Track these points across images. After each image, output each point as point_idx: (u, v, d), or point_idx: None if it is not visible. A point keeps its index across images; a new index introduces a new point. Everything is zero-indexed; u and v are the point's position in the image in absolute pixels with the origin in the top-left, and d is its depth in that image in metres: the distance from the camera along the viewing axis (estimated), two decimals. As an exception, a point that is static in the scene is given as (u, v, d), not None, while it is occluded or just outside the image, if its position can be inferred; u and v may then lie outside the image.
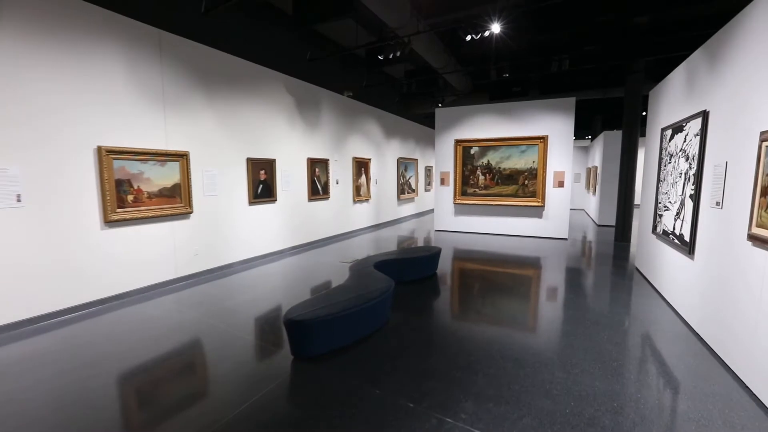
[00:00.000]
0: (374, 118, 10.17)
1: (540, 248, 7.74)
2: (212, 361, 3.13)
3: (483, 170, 9.12)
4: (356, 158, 9.31)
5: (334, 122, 8.43)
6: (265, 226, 6.61)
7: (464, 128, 9.26)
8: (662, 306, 4.20)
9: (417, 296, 4.66)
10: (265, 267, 6.14)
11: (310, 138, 7.66)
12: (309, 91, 7.57)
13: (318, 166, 7.91)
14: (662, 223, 4.58)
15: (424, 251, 5.43)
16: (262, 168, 6.43)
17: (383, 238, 8.91)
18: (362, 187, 9.70)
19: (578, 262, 6.62)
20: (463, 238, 8.83)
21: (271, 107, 6.61)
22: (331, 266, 6.15)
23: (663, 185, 4.62)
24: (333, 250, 7.50)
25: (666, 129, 4.60)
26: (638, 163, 8.15)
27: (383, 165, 10.76)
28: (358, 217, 9.59)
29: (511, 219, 8.99)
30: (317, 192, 7.92)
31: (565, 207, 8.49)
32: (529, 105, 8.60)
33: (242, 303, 4.43)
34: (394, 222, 11.57)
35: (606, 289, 4.94)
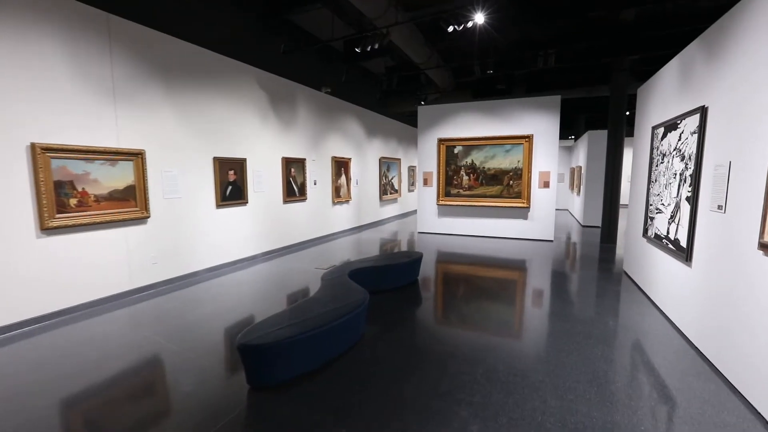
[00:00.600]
0: (354, 116, 9.78)
1: (525, 251, 7.49)
2: (156, 391, 2.70)
3: (467, 170, 8.84)
4: (335, 158, 8.90)
5: (311, 120, 8.00)
6: (235, 231, 6.16)
7: (447, 127, 8.96)
8: (655, 315, 3.95)
9: (396, 307, 4.29)
10: (234, 275, 5.68)
11: (285, 136, 7.22)
12: (283, 87, 7.14)
13: (294, 166, 7.48)
14: (654, 227, 4.33)
15: (404, 257, 5.08)
16: (230, 168, 5.97)
17: (364, 241, 8.53)
18: (342, 187, 9.30)
19: (565, 265, 6.37)
20: (447, 241, 8.52)
21: (241, 103, 6.16)
22: (305, 273, 5.74)
23: (655, 186, 4.37)
24: (310, 254, 7.08)
25: (657, 127, 4.35)
26: (623, 163, 7.98)
27: (364, 165, 10.38)
28: (337, 220, 9.19)
29: (496, 220, 8.73)
30: (293, 193, 7.49)
31: (551, 208, 8.27)
32: (513, 103, 8.35)
33: (202, 317, 3.99)
34: (377, 224, 11.20)
35: (595, 296, 4.67)
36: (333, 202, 8.92)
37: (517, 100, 8.34)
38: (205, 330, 3.68)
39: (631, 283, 5.11)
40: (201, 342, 3.42)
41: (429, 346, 3.31)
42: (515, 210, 8.50)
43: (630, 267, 5.42)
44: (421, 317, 4.07)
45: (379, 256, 5.19)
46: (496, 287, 5.15)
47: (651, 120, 4.67)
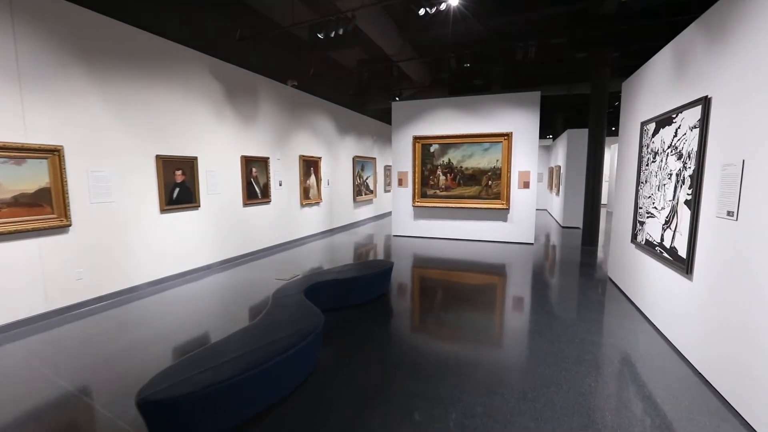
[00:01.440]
0: (325, 112, 9.17)
1: (505, 255, 7.08)
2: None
3: (444, 170, 8.37)
4: (304, 157, 8.28)
5: (275, 115, 7.36)
6: (185, 238, 5.47)
7: (423, 123, 8.47)
8: (649, 332, 3.54)
9: (360, 326, 3.74)
10: (183, 288, 5.01)
11: (244, 133, 6.56)
12: (242, 78, 6.47)
13: (255, 166, 6.83)
14: (644, 232, 3.94)
15: (372, 267, 4.53)
16: (178, 168, 5.28)
17: (336, 246, 7.94)
18: (312, 188, 8.68)
19: (547, 271, 5.97)
20: (423, 245, 8.04)
21: (190, 94, 5.47)
22: (265, 284, 5.12)
23: (645, 188, 3.98)
24: (274, 262, 6.45)
25: (648, 123, 3.96)
26: (605, 162, 7.69)
27: (336, 164, 9.79)
28: (307, 223, 8.57)
29: (474, 223, 8.30)
30: (254, 195, 6.83)
31: (531, 210, 7.89)
32: (492, 99, 7.93)
33: (127, 347, 3.33)
34: (351, 226, 10.62)
35: (582, 309, 4.25)
36: (301, 204, 8.29)
37: (495, 96, 7.93)
38: (123, 366, 3.03)
39: (618, 292, 4.73)
40: (113, 384, 2.78)
41: (396, 378, 2.78)
42: (494, 212, 8.09)
43: (616, 273, 5.05)
44: (389, 339, 3.53)
45: (344, 267, 4.63)
46: (473, 297, 4.66)
47: (639, 115, 4.28)
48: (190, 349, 3.22)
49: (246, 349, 2.46)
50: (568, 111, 13.68)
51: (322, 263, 6.52)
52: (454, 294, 4.85)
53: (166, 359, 3.11)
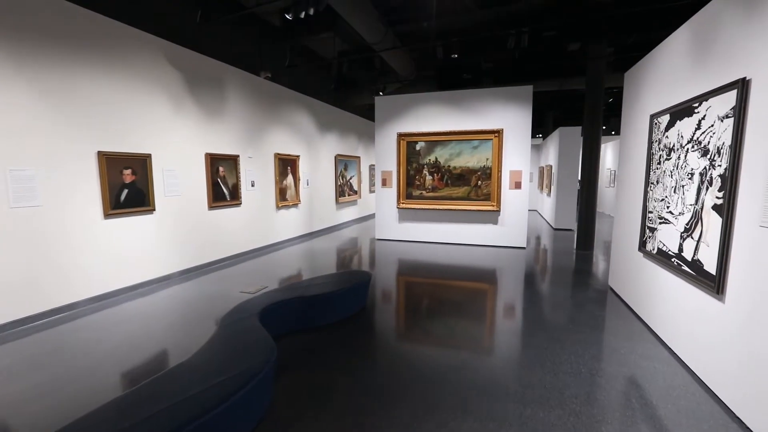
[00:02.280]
0: (304, 107, 8.55)
1: (496, 260, 6.57)
2: None
3: (430, 169, 7.83)
4: (280, 155, 7.65)
5: (246, 110, 6.72)
6: (136, 246, 4.81)
7: (408, 120, 7.92)
8: (666, 358, 3.04)
9: (328, 353, 3.16)
10: (130, 305, 4.36)
11: (210, 128, 5.91)
12: (206, 67, 5.83)
13: (223, 165, 6.18)
14: (656, 240, 3.44)
15: (345, 281, 3.95)
16: (126, 166, 4.63)
17: (315, 251, 7.34)
18: (289, 189, 8.06)
19: (542, 280, 5.47)
20: (408, 249, 7.48)
21: (142, 84, 4.82)
22: (227, 299, 4.50)
23: (656, 189, 3.48)
24: (243, 271, 5.82)
25: (659, 115, 3.47)
26: (596, 162, 7.25)
27: (317, 163, 9.17)
28: (284, 226, 7.94)
29: (463, 225, 7.78)
30: (222, 197, 6.19)
31: (523, 212, 7.41)
32: (481, 94, 7.42)
33: (43, 383, 2.69)
34: (333, 229, 10.02)
35: (585, 328, 3.73)
36: (277, 206, 7.66)
37: (485, 91, 7.42)
38: (38, 405, 2.39)
39: (622, 306, 4.24)
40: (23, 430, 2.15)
41: (366, 426, 2.21)
42: (484, 214, 7.58)
43: (619, 284, 4.56)
44: (363, 369, 2.96)
45: (312, 281, 4.03)
46: (461, 312, 4.12)
47: (648, 107, 3.79)
48: (117, 387, 2.59)
49: (165, 402, 1.86)
50: (558, 108, 13.29)
51: (297, 272, 5.91)
52: (439, 309, 4.30)
53: (88, 401, 2.48)
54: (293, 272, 5.91)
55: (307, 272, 5.96)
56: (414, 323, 3.94)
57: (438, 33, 6.73)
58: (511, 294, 4.91)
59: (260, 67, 6.98)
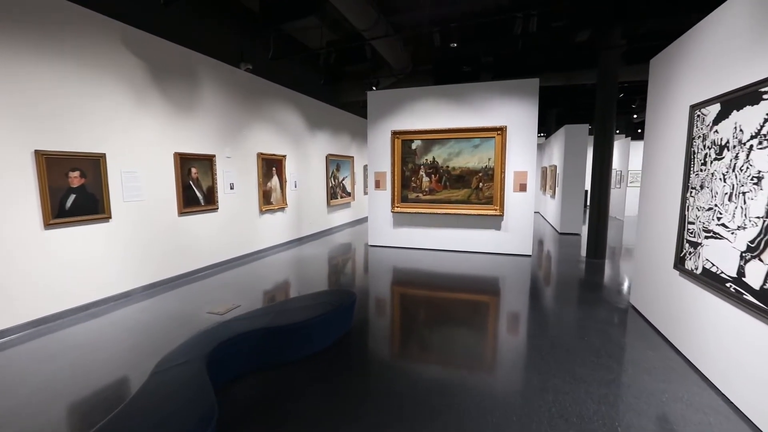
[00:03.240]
0: (291, 103, 7.91)
1: (499, 269, 5.97)
2: None
3: (427, 170, 7.21)
4: (263, 155, 7.01)
5: (224, 105, 6.08)
6: (86, 260, 4.17)
7: (404, 116, 7.30)
8: (717, 404, 2.42)
9: (299, 399, 2.53)
10: (75, 329, 3.72)
11: (179, 125, 5.27)
12: (174, 55, 5.19)
13: (196, 165, 5.54)
14: (701, 257, 2.82)
15: (323, 305, 3.32)
16: (74, 168, 3.98)
17: (302, 260, 6.70)
18: (274, 191, 7.42)
19: (551, 293, 4.85)
20: (403, 257, 6.86)
21: (96, 72, 4.18)
22: (190, 321, 3.86)
23: (701, 196, 2.86)
24: (217, 284, 5.18)
25: (704, 105, 2.85)
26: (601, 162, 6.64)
27: (305, 163, 8.53)
28: (268, 232, 7.30)
29: (463, 231, 7.16)
30: (194, 201, 5.54)
31: (528, 216, 6.79)
32: (483, 88, 6.80)
33: None
34: (324, 233, 9.38)
35: (611, 361, 3.11)
36: (260, 210, 7.02)
37: (487, 85, 6.80)
38: None
39: (649, 330, 3.63)
40: None
41: None
42: (486, 218, 6.96)
43: (644, 304, 3.94)
44: (339, 424, 2.32)
45: (284, 306, 3.39)
46: (463, 339, 3.49)
47: (686, 97, 3.17)
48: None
49: None
50: (562, 105, 12.68)
51: (279, 283, 5.28)
52: (438, 331, 3.67)
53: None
54: (275, 284, 5.27)
55: (292, 284, 5.33)
56: (407, 351, 3.31)
57: (435, 20, 6.10)
58: (519, 314, 4.28)
59: (240, 59, 6.34)
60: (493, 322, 4.03)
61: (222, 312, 4.10)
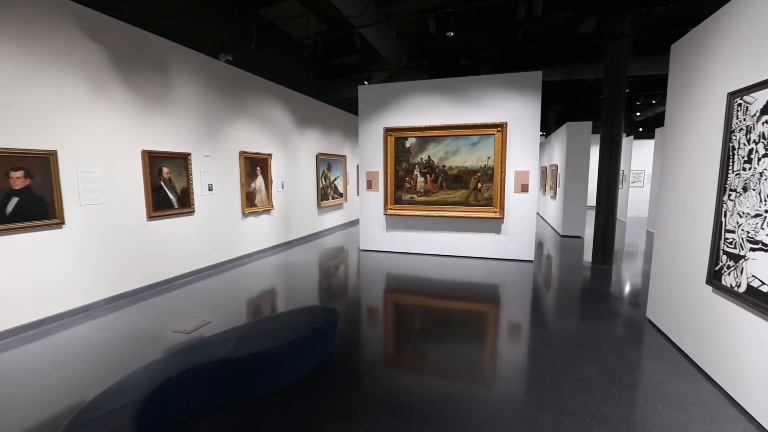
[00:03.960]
0: (278, 99, 7.43)
1: (499, 276, 5.55)
2: None
3: (422, 169, 6.75)
4: (246, 153, 6.52)
5: (202, 99, 5.59)
6: (33, 271, 3.67)
7: (397, 112, 6.83)
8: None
9: (263, 454, 2.06)
10: (16, 352, 3.22)
11: (148, 120, 4.78)
12: (143, 43, 4.69)
13: (168, 165, 5.05)
14: (744, 272, 2.38)
15: (300, 326, 2.84)
16: (16, 167, 3.49)
17: (289, 265, 6.22)
18: (259, 193, 6.93)
19: (557, 304, 4.40)
20: (397, 262, 6.40)
21: (46, 58, 3.68)
22: (152, 341, 3.38)
23: (744, 200, 2.42)
24: (189, 296, 4.69)
25: (748, 92, 2.40)
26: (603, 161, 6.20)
27: (294, 163, 8.05)
28: (252, 236, 6.81)
29: (461, 235, 6.71)
30: (167, 204, 5.05)
31: (530, 219, 6.34)
32: (481, 82, 6.35)
33: None
34: (314, 236, 8.90)
35: (634, 393, 2.66)
36: (243, 213, 6.53)
37: (486, 78, 6.35)
38: None
39: (673, 351, 3.18)
40: None
41: None
42: (485, 221, 6.51)
43: (665, 320, 3.50)
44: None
45: (252, 330, 2.89)
46: (463, 360, 3.03)
47: (722, 84, 2.73)
48: None
49: None
50: (561, 103, 12.26)
51: (258, 296, 4.80)
52: (429, 352, 3.20)
53: None
54: (255, 295, 4.79)
55: (274, 294, 4.86)
56: (400, 377, 2.84)
57: (430, 6, 5.63)
58: (522, 330, 3.82)
59: (219, 49, 5.85)
60: (493, 342, 3.57)
61: (189, 330, 3.61)
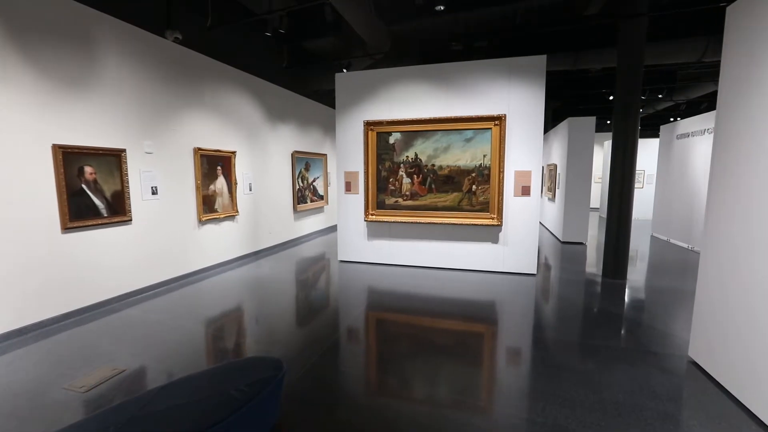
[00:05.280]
0: (244, 89, 6.49)
1: (496, 293, 4.78)
2: None
3: (408, 169, 5.87)
4: (203, 150, 5.58)
5: (143, 85, 4.63)
6: None
7: (379, 103, 5.95)
8: None
9: None
10: None
11: (64, 106, 3.81)
12: (56, 10, 3.73)
13: (94, 163, 4.09)
14: None
15: (219, 399, 1.92)
16: None
17: (253, 282, 5.29)
18: (220, 196, 5.98)
19: (569, 335, 3.55)
20: (380, 275, 5.53)
21: None
22: (31, 406, 2.44)
23: None
24: (114, 329, 3.74)
25: None
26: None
27: (264, 162, 7.11)
28: (211, 247, 5.86)
29: (452, 245, 5.85)
30: (92, 212, 4.09)
31: (533, 226, 5.52)
32: (476, 68, 5.50)
33: None
34: (290, 244, 7.97)
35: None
36: (200, 219, 5.58)
37: (482, 63, 5.50)
38: None
39: (737, 411, 2.36)
40: None
41: None
42: (480, 229, 5.67)
43: (722, 368, 2.67)
44: None
45: (149, 403, 1.96)
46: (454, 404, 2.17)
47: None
48: None
49: None
50: (565, 96, 11.49)
51: (201, 326, 3.86)
52: (417, 414, 2.32)
53: None
54: (197, 324, 3.85)
55: (224, 323, 3.93)
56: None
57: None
58: (523, 376, 2.96)
59: (166, 25, 4.89)
60: (489, 401, 2.70)
61: (88, 387, 2.67)
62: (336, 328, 3.81)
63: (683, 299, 4.54)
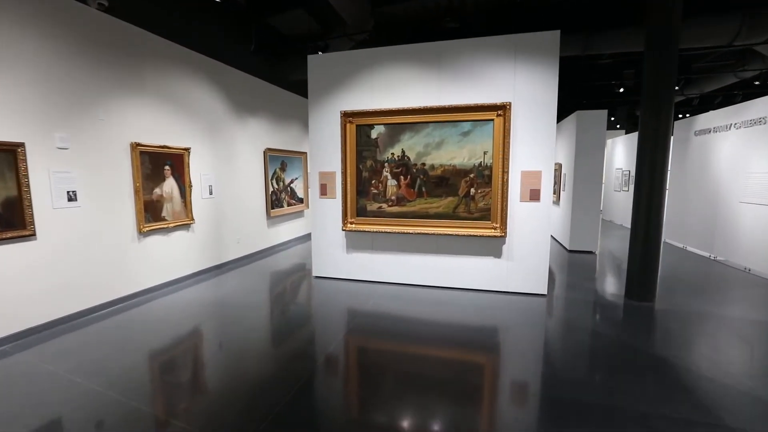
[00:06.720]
0: (202, 74, 5.50)
1: (500, 319, 3.87)
2: None
3: (394, 169, 4.93)
4: (144, 147, 4.59)
5: (54, 61, 3.64)
6: None
7: (359, 91, 4.99)
8: None
9: None
10: None
11: None
12: None
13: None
14: None
15: None
16: None
17: (208, 305, 4.33)
18: (169, 201, 4.99)
19: (592, 383, 2.61)
20: (362, 295, 4.60)
21: None
22: None
23: None
24: (18, 377, 2.76)
25: None
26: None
27: (229, 161, 6.12)
28: (157, 263, 4.87)
29: (447, 259, 4.92)
30: (-32, 226, 3.09)
31: (543, 237, 4.60)
32: (474, 47, 4.57)
33: None
34: (263, 254, 6.99)
35: None
36: (140, 230, 4.58)
37: (482, 41, 4.57)
38: None
39: None
40: None
41: None
42: (480, 241, 4.74)
43: None
44: None
45: None
46: None
47: None
48: None
49: None
50: (565, 89, 10.58)
51: (114, 380, 2.87)
52: None
53: None
54: (111, 376, 2.85)
55: (154, 368, 2.94)
56: None
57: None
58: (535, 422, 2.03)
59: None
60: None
61: None
62: (313, 359, 3.00)
63: (741, 330, 3.67)
